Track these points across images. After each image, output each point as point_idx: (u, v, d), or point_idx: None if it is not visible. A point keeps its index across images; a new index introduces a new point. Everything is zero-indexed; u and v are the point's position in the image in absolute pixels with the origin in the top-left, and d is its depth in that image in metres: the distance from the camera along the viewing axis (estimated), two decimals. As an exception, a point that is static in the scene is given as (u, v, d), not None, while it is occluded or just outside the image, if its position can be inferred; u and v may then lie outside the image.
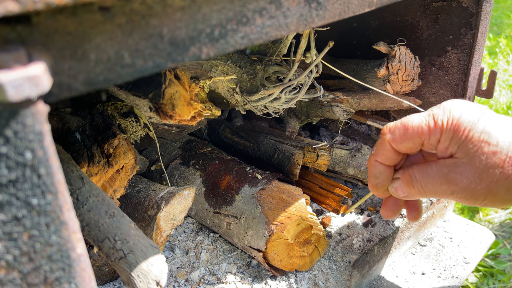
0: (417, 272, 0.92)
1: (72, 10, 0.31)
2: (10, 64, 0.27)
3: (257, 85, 0.80)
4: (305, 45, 0.76)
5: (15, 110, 0.28)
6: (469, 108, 0.58)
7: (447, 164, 0.58)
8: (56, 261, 0.33)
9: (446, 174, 0.58)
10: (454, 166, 0.57)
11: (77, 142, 0.73)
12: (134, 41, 0.35)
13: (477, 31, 0.90)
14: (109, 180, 0.74)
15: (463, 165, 0.56)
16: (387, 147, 0.62)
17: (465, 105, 0.59)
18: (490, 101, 2.01)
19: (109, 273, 0.79)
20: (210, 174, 0.91)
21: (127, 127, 0.87)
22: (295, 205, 0.80)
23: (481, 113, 0.57)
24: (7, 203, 0.30)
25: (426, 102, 1.05)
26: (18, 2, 0.26)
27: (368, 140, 1.22)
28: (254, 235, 0.79)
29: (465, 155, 0.56)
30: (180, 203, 0.74)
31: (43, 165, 0.30)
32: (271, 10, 0.42)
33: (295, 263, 0.80)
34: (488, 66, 2.39)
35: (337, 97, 0.92)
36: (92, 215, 0.54)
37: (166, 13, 0.35)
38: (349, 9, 0.50)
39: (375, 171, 0.65)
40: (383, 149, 0.63)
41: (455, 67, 0.97)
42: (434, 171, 0.59)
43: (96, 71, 0.33)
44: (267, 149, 0.99)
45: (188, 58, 0.38)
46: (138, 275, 0.50)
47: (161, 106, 0.60)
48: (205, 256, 0.86)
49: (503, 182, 0.54)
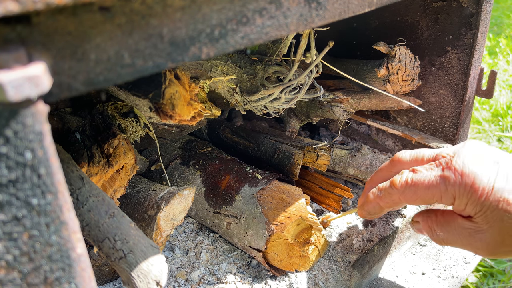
0: (417, 272, 0.92)
1: (72, 10, 0.31)
2: (10, 64, 0.27)
3: (257, 85, 0.80)
4: (305, 45, 0.76)
5: (15, 110, 0.28)
6: (484, 161, 0.54)
7: (466, 226, 0.55)
8: (56, 261, 0.33)
9: (467, 237, 0.55)
10: (474, 232, 0.54)
11: (77, 142, 0.73)
12: (134, 41, 0.35)
13: (477, 31, 0.90)
14: (109, 180, 0.74)
15: (484, 232, 0.53)
16: (396, 200, 0.61)
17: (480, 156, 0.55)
18: (490, 101, 2.01)
19: (109, 273, 0.79)
20: (210, 174, 0.91)
21: (127, 127, 0.88)
22: (295, 205, 0.80)
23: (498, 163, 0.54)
24: (7, 203, 0.30)
25: (426, 102, 1.05)
26: (18, 2, 0.26)
27: (368, 140, 1.22)
28: (254, 235, 0.79)
29: (485, 221, 0.53)
30: (180, 203, 0.74)
31: (43, 165, 0.30)
32: (271, 10, 0.42)
33: (295, 263, 0.80)
34: (488, 66, 2.39)
35: (337, 97, 0.92)
36: (92, 215, 0.54)
37: (166, 13, 0.35)
38: (349, 9, 0.50)
39: (373, 209, 0.66)
40: (391, 200, 0.61)
41: (455, 67, 0.97)
42: (454, 231, 0.57)
43: (96, 71, 0.33)
44: (267, 149, 0.99)
45: (188, 58, 0.38)
46: (138, 275, 0.50)
47: (161, 106, 0.60)
48: (205, 256, 0.86)
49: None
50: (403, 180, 0.59)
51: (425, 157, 0.60)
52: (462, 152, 0.55)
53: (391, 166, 0.64)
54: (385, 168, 0.65)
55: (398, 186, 0.59)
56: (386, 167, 0.65)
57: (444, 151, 0.58)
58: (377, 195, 0.63)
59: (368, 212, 0.67)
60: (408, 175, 0.59)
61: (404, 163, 0.62)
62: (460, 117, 1.00)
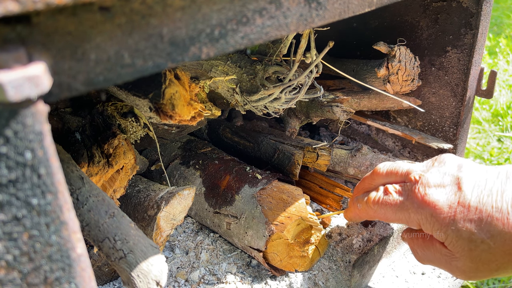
0: (417, 272, 0.92)
1: (72, 10, 0.31)
2: (10, 64, 0.27)
3: (257, 85, 0.80)
4: (305, 45, 0.76)
5: (15, 110, 0.28)
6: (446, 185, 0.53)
7: (443, 253, 0.55)
8: (56, 261, 0.33)
9: (445, 263, 0.56)
10: (450, 259, 0.55)
11: (77, 142, 0.73)
12: (134, 41, 0.35)
13: (477, 31, 0.90)
14: (109, 180, 0.74)
15: (457, 259, 0.53)
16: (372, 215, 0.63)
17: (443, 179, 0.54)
18: (490, 101, 2.01)
19: (109, 273, 0.79)
20: (210, 174, 0.91)
21: (127, 127, 0.88)
22: (295, 205, 0.80)
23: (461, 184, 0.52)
24: (7, 203, 0.30)
25: (426, 102, 1.05)
26: (18, 2, 0.26)
27: (368, 140, 1.22)
28: (254, 235, 0.79)
29: (455, 250, 0.53)
30: (180, 203, 0.74)
31: (43, 165, 0.30)
32: (271, 10, 0.42)
33: (295, 263, 0.80)
34: (488, 66, 2.39)
35: (337, 97, 0.92)
36: (92, 215, 0.54)
37: (166, 13, 0.35)
38: (349, 9, 0.50)
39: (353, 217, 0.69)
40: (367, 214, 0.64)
41: (455, 67, 0.97)
42: (434, 255, 0.57)
43: (96, 71, 0.33)
44: (267, 149, 0.99)
45: (188, 58, 0.38)
46: (138, 275, 0.50)
47: (161, 106, 0.60)
48: (205, 256, 0.86)
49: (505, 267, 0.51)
50: (376, 199, 0.61)
51: (399, 172, 0.61)
52: (426, 177, 0.55)
53: (371, 178, 0.66)
54: (367, 178, 0.67)
55: (371, 204, 0.62)
56: (368, 178, 0.67)
57: (413, 170, 0.58)
58: (356, 206, 0.66)
59: (349, 218, 0.71)
60: (380, 195, 0.61)
61: (381, 176, 0.64)
62: (460, 117, 1.00)
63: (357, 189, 0.69)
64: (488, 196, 0.50)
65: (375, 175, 0.64)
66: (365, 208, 0.63)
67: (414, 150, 1.13)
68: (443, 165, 0.56)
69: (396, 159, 0.95)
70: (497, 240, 0.49)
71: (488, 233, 0.49)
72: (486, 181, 0.52)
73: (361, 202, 0.64)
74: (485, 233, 0.49)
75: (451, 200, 0.52)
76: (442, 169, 0.56)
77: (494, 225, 0.49)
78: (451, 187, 0.53)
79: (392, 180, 0.62)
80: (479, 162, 1.66)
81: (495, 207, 0.49)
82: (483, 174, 0.53)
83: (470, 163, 0.56)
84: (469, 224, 0.50)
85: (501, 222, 0.48)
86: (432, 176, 0.55)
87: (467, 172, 0.54)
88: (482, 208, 0.50)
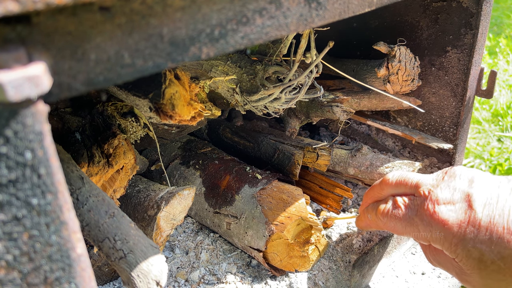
0: (417, 272, 0.92)
1: (72, 10, 0.31)
2: (10, 64, 0.27)
3: (257, 85, 0.80)
4: (305, 45, 0.76)
5: (15, 110, 0.28)
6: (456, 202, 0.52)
7: (454, 265, 0.55)
8: (56, 261, 0.33)
9: (456, 274, 0.56)
10: (461, 272, 0.54)
11: (77, 142, 0.73)
12: (134, 41, 0.34)
13: (477, 31, 0.90)
14: (109, 180, 0.74)
15: (468, 275, 0.53)
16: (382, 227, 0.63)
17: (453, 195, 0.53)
18: (490, 101, 2.01)
19: (109, 273, 0.79)
20: (210, 174, 0.91)
21: (127, 127, 0.87)
22: (295, 205, 0.80)
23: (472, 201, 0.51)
24: (7, 203, 0.30)
25: (426, 102, 1.05)
26: (18, 2, 0.26)
27: (368, 140, 1.22)
28: (254, 235, 0.79)
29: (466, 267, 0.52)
30: (180, 203, 0.74)
31: (43, 165, 0.30)
32: (271, 10, 0.42)
33: (295, 263, 0.80)
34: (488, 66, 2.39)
35: (337, 97, 0.92)
36: (92, 215, 0.54)
37: (166, 13, 0.35)
38: (349, 9, 0.50)
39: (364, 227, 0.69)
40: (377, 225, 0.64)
41: (455, 67, 0.97)
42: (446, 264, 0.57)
43: (96, 71, 0.33)
44: (267, 149, 0.99)
45: (188, 58, 0.38)
46: (138, 275, 0.50)
47: (161, 106, 0.60)
48: (205, 256, 0.86)
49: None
50: (386, 211, 0.60)
51: (408, 184, 0.60)
52: (435, 194, 0.54)
53: (380, 188, 0.65)
54: (376, 187, 0.66)
55: (380, 216, 0.61)
56: (377, 186, 0.66)
57: (423, 184, 0.57)
58: (367, 217, 0.66)
59: (360, 227, 0.71)
60: (389, 208, 0.60)
61: (390, 186, 0.63)
62: (460, 117, 1.00)
63: (366, 197, 0.68)
64: (499, 216, 0.49)
65: (384, 185, 0.63)
66: (375, 219, 0.62)
67: (414, 150, 1.13)
68: (453, 179, 0.55)
69: (396, 159, 0.95)
70: (508, 261, 0.48)
71: (498, 254, 0.48)
72: (498, 198, 0.50)
73: (371, 213, 0.64)
74: (496, 254, 0.48)
75: (461, 219, 0.51)
76: (452, 184, 0.54)
77: (505, 247, 0.48)
78: (461, 204, 0.52)
79: (401, 191, 0.60)
80: (479, 163, 1.66)
81: (506, 228, 0.48)
82: (495, 190, 0.51)
83: (482, 177, 0.54)
84: (479, 244, 0.49)
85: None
86: (442, 192, 0.54)
87: (478, 188, 0.52)
88: (493, 228, 0.49)
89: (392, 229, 0.60)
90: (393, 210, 0.59)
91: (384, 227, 0.62)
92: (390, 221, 0.59)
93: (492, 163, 1.65)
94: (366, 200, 0.68)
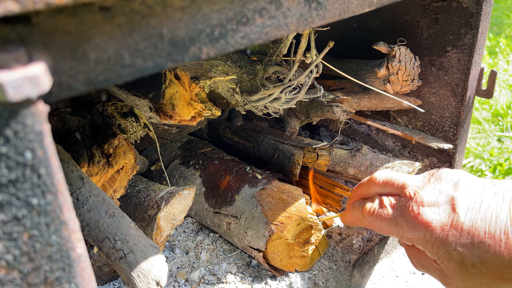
0: (417, 272, 0.92)
1: (72, 10, 0.31)
2: (10, 64, 0.27)
3: (257, 85, 0.80)
4: (305, 45, 0.76)
5: (15, 110, 0.28)
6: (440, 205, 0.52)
7: (436, 267, 0.55)
8: (56, 261, 0.33)
9: (438, 277, 0.56)
10: (442, 275, 0.55)
11: (77, 142, 0.73)
12: (134, 41, 0.34)
13: (477, 31, 0.90)
14: (109, 180, 0.74)
15: (449, 277, 0.53)
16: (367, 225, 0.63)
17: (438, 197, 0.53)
18: (490, 101, 2.01)
19: (109, 273, 0.79)
20: (210, 174, 0.91)
21: (127, 127, 0.88)
22: (295, 205, 0.80)
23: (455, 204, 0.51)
24: (7, 203, 0.30)
25: (426, 102, 1.05)
26: (18, 2, 0.26)
27: (368, 140, 1.22)
28: (254, 235, 0.79)
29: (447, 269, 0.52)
30: (180, 203, 0.74)
31: (43, 165, 0.30)
32: (271, 10, 0.42)
33: (295, 263, 0.80)
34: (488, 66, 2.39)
35: (337, 97, 0.92)
36: (92, 215, 0.54)
37: (166, 13, 0.35)
38: (349, 9, 0.50)
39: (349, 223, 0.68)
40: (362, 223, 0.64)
41: (455, 67, 0.97)
42: (429, 266, 0.57)
43: (96, 71, 0.33)
44: (267, 149, 0.99)
45: (188, 58, 0.38)
46: (138, 275, 0.50)
47: (161, 106, 0.60)
48: (205, 256, 0.86)
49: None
50: (371, 210, 0.60)
51: (395, 184, 0.60)
52: (420, 195, 0.54)
53: (368, 186, 0.65)
54: (364, 185, 0.66)
55: (366, 214, 0.61)
56: (364, 184, 0.66)
57: (409, 185, 0.57)
58: (352, 213, 0.65)
59: (346, 222, 0.70)
60: (375, 208, 0.60)
61: (377, 185, 0.63)
62: (460, 117, 1.00)
63: (354, 193, 0.69)
64: (481, 220, 0.49)
65: (372, 183, 0.63)
66: (361, 217, 0.63)
67: (414, 150, 1.13)
68: (439, 182, 0.55)
69: (396, 159, 0.95)
70: (488, 265, 0.49)
71: (479, 257, 0.49)
72: (481, 202, 0.51)
73: (357, 211, 0.64)
74: (477, 257, 0.49)
75: (444, 221, 0.51)
76: (438, 186, 0.55)
77: (486, 251, 0.48)
78: (445, 206, 0.52)
79: (388, 191, 0.61)
80: (479, 163, 1.66)
81: (487, 233, 0.49)
82: (479, 194, 0.52)
83: (467, 180, 0.54)
84: (460, 248, 0.50)
85: (493, 249, 0.48)
86: (426, 194, 0.54)
87: (463, 192, 0.53)
88: (474, 232, 0.49)
89: (377, 229, 0.61)
90: (379, 210, 0.59)
91: (369, 226, 0.62)
92: (376, 221, 0.60)
93: (492, 163, 1.65)
94: (353, 196, 0.68)
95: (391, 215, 0.57)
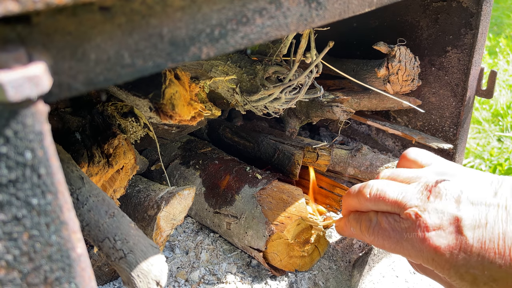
0: (417, 272, 0.92)
1: (72, 10, 0.31)
2: (10, 64, 0.27)
3: (257, 85, 0.80)
4: (305, 45, 0.76)
5: (15, 110, 0.28)
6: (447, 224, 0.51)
7: (443, 279, 0.55)
8: (56, 261, 0.33)
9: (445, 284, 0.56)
10: (450, 286, 0.55)
11: (77, 142, 0.73)
12: (134, 41, 0.34)
13: (477, 31, 0.90)
14: (109, 180, 0.74)
15: None
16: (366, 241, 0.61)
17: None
18: (490, 101, 2.01)
19: (109, 273, 0.79)
20: (210, 174, 0.91)
21: (127, 127, 0.87)
22: (295, 205, 0.80)
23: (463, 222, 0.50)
24: (7, 203, 0.30)
25: (426, 102, 1.05)
26: (18, 2, 0.26)
27: (368, 140, 1.22)
28: (254, 235, 0.79)
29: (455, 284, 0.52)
30: (180, 203, 0.74)
31: (43, 165, 0.30)
32: (271, 10, 0.42)
33: (295, 263, 0.80)
34: (488, 66, 2.39)
35: (337, 97, 0.92)
36: (92, 215, 0.54)
37: (166, 13, 0.35)
38: (349, 9, 0.50)
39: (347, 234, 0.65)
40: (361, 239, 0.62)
41: (455, 67, 0.97)
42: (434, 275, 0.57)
43: (96, 71, 0.33)
44: (267, 149, 0.99)
45: (188, 58, 0.38)
46: (138, 275, 0.50)
47: (161, 106, 0.60)
48: (205, 256, 0.86)
49: None
50: (371, 230, 0.58)
51: (386, 200, 0.57)
52: (423, 219, 0.53)
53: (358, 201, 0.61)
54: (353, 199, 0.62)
55: (366, 233, 0.59)
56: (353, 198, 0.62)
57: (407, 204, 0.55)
58: (349, 229, 0.62)
59: (343, 235, 0.67)
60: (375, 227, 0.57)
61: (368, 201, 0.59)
62: (460, 117, 1.00)
63: (345, 203, 0.65)
64: (490, 240, 0.49)
65: (362, 199, 0.60)
66: (360, 234, 0.60)
67: (414, 150, 1.13)
68: (439, 200, 0.53)
69: (396, 159, 0.95)
70: (500, 283, 0.48)
71: (491, 277, 0.49)
72: (487, 220, 0.50)
73: (355, 227, 0.61)
74: (488, 277, 0.49)
75: (452, 245, 0.50)
76: (439, 206, 0.53)
77: (497, 270, 0.48)
78: (450, 229, 0.51)
79: (382, 208, 0.58)
80: (479, 163, 1.66)
81: (497, 253, 0.48)
82: (483, 209, 0.51)
83: (468, 193, 0.53)
84: (472, 270, 0.49)
85: (504, 269, 0.48)
86: (430, 217, 0.53)
87: (466, 210, 0.51)
88: (484, 254, 0.49)
89: (380, 247, 0.59)
90: (380, 231, 0.57)
91: (371, 243, 0.60)
92: (378, 240, 0.57)
93: (492, 163, 1.65)
94: (345, 206, 0.64)
95: (394, 237, 0.55)
